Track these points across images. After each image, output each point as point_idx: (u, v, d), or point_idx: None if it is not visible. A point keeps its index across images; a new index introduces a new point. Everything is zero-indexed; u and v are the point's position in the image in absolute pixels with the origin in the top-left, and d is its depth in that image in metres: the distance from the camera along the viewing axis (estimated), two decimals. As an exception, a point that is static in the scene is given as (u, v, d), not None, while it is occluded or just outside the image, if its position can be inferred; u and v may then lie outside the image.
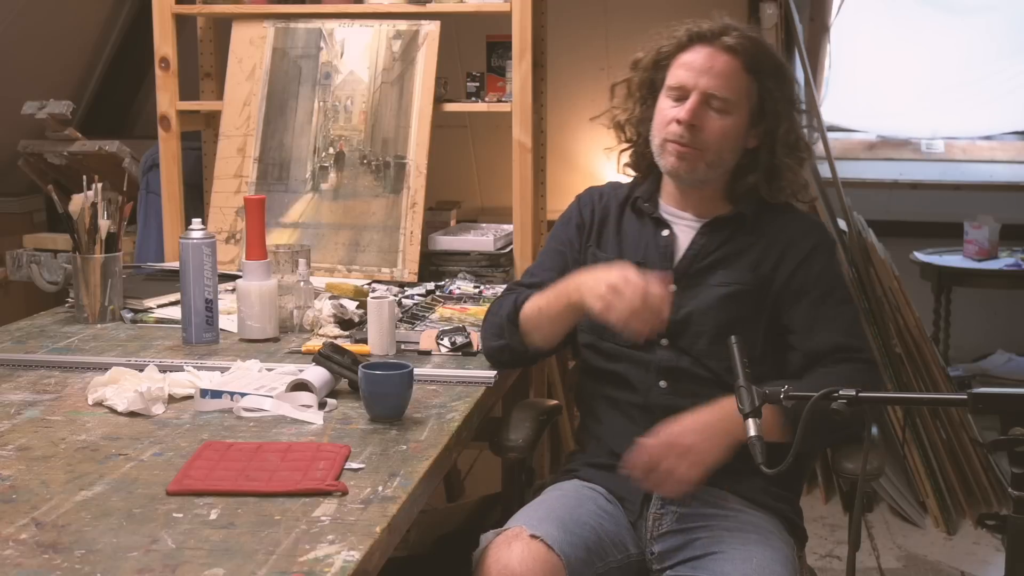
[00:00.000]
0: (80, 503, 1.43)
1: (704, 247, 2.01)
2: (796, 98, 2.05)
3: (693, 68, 1.97)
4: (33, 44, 3.93)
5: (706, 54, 1.97)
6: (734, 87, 1.96)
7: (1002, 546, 3.36)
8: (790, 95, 2.03)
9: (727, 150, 1.99)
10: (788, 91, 2.03)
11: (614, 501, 1.95)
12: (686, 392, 1.95)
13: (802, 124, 2.06)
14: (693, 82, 1.96)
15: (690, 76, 1.96)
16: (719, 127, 1.96)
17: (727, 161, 2.01)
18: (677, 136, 1.96)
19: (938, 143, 4.94)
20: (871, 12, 4.84)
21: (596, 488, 1.96)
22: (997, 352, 4.73)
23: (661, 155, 2.01)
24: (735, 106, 1.97)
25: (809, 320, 1.96)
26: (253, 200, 2.33)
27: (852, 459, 1.89)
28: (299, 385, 1.84)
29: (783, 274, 1.98)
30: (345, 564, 1.26)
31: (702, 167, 1.98)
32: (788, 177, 2.03)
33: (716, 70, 1.96)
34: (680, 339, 1.97)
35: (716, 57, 1.96)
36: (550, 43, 3.19)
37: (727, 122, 1.96)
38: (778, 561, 1.81)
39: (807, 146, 2.07)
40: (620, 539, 1.89)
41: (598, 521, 1.87)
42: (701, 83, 1.95)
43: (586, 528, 1.84)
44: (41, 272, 3.73)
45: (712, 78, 1.95)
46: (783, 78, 2.02)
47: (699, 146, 1.97)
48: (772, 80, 2.00)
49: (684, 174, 1.99)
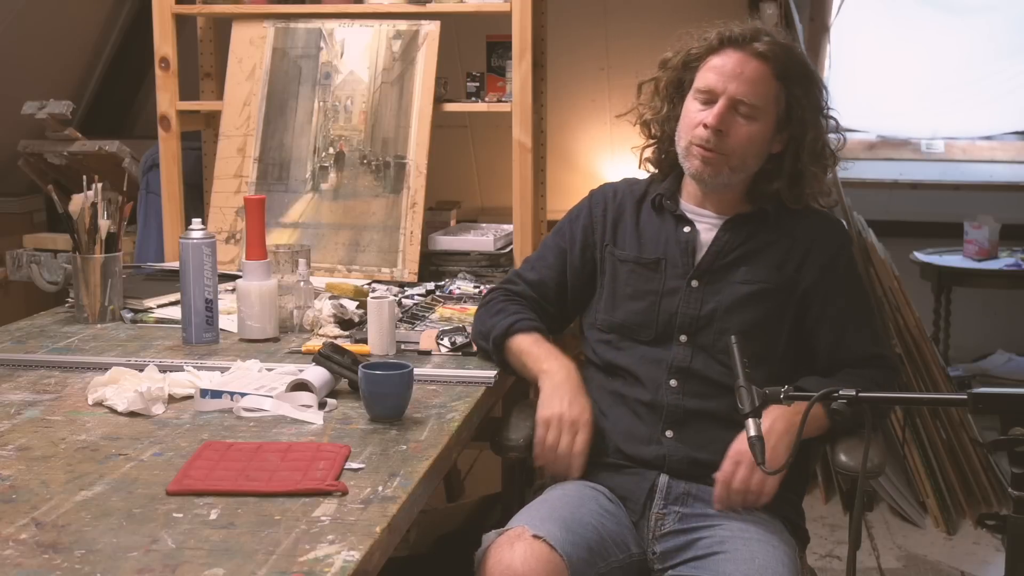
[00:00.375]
0: (80, 503, 1.43)
1: (728, 243, 2.02)
2: (824, 105, 2.04)
3: (723, 72, 1.96)
4: (33, 44, 3.93)
5: (736, 59, 1.97)
6: (762, 93, 1.96)
7: (1002, 546, 3.37)
8: (817, 102, 2.02)
9: (752, 155, 1.99)
10: (816, 98, 2.02)
11: (616, 500, 1.95)
12: (694, 392, 1.96)
13: (829, 131, 2.05)
14: (722, 86, 1.96)
15: (719, 80, 1.96)
16: (745, 133, 1.96)
17: (751, 166, 2.01)
18: (703, 140, 1.97)
19: (938, 143, 4.94)
20: (871, 12, 4.84)
21: (598, 487, 1.96)
22: (997, 352, 4.73)
23: (686, 157, 2.02)
24: (762, 112, 1.97)
25: (838, 329, 1.99)
26: (253, 200, 2.33)
27: (849, 453, 1.89)
28: (299, 385, 1.84)
29: (808, 276, 1.99)
30: (345, 564, 1.26)
31: (726, 171, 1.99)
32: (811, 184, 2.03)
33: (745, 76, 1.95)
34: (701, 336, 1.97)
35: (746, 63, 1.96)
36: (550, 43, 3.19)
37: (753, 128, 1.97)
38: (780, 562, 1.81)
39: (832, 153, 2.06)
40: (622, 539, 1.89)
41: (600, 521, 1.87)
42: (730, 88, 1.95)
43: (588, 528, 1.84)
44: (41, 272, 3.73)
45: (741, 83, 1.95)
46: (811, 85, 2.02)
47: (724, 151, 1.97)
48: (800, 87, 1.99)
49: (708, 178, 2.00)
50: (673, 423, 1.95)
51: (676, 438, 1.95)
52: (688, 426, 1.95)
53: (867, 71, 4.89)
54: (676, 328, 1.99)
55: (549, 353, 2.01)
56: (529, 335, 2.05)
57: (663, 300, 2.01)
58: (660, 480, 1.94)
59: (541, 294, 2.14)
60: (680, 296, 2.00)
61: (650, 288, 2.02)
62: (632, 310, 2.03)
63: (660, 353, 1.99)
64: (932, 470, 3.60)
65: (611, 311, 2.06)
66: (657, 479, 1.94)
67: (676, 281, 2.01)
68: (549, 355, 2.00)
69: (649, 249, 2.06)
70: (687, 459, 1.93)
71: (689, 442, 1.94)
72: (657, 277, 2.03)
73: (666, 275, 2.02)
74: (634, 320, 2.02)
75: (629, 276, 2.05)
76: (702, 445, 1.93)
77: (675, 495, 1.93)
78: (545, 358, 1.99)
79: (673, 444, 1.95)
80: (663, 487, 1.94)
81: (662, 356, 1.98)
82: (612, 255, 2.08)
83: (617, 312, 2.05)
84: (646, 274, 2.04)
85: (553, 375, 1.96)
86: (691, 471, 1.93)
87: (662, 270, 2.03)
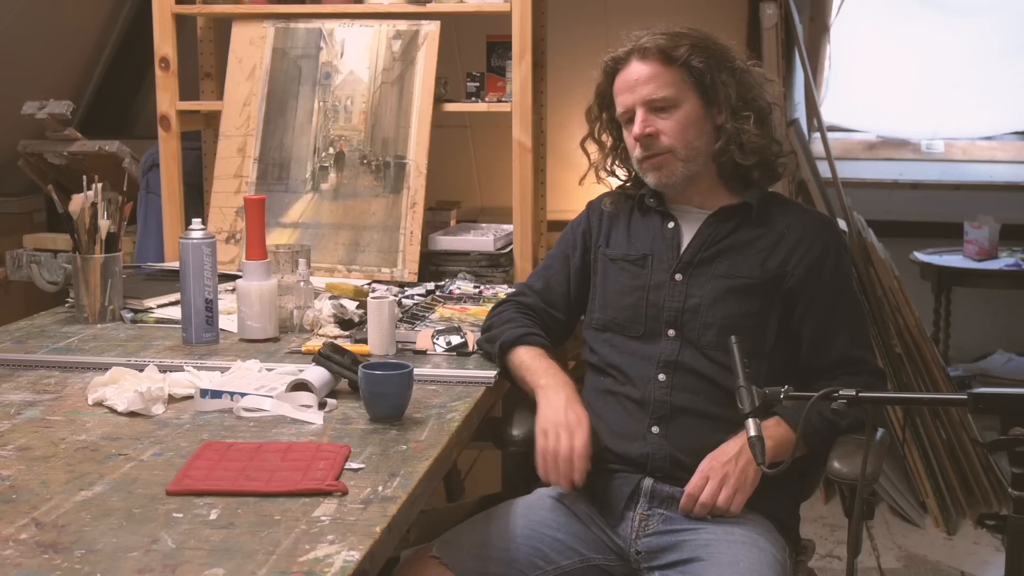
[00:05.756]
0: (80, 503, 1.43)
1: (710, 237, 2.04)
2: (731, 62, 2.06)
3: (626, 88, 2.05)
4: (33, 44, 3.93)
5: (628, 70, 2.05)
6: (665, 83, 2.02)
7: (1002, 546, 3.37)
8: (720, 63, 2.04)
9: (694, 138, 2.03)
10: (717, 59, 2.04)
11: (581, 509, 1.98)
12: (683, 387, 1.97)
13: (753, 83, 2.07)
14: (631, 99, 2.04)
15: (628, 96, 2.05)
16: (672, 124, 2.02)
17: (702, 149, 2.04)
18: (642, 153, 2.04)
19: (938, 143, 4.94)
20: (871, 12, 4.83)
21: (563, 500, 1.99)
22: (997, 352, 4.73)
23: (644, 175, 2.09)
24: (677, 98, 2.02)
25: (820, 330, 2.00)
26: (253, 200, 2.33)
27: (843, 460, 1.87)
28: (299, 385, 1.84)
29: (793, 272, 2.00)
30: (345, 564, 1.26)
31: (679, 166, 2.03)
32: (746, 140, 2.03)
33: (643, 78, 2.03)
34: (688, 330, 1.99)
35: (638, 68, 2.04)
36: (550, 43, 3.20)
37: (678, 115, 2.02)
38: (766, 564, 1.81)
39: (763, 103, 2.07)
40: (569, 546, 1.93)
41: (538, 531, 1.93)
42: (638, 96, 2.03)
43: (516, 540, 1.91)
44: (41, 272, 3.73)
45: (642, 86, 2.03)
46: (707, 51, 2.04)
47: (664, 149, 2.03)
48: (696, 58, 2.02)
49: (668, 181, 2.05)
50: (659, 419, 1.96)
51: (661, 434, 1.96)
52: (675, 423, 1.96)
53: (867, 71, 4.89)
54: (663, 323, 2.01)
55: (548, 368, 2.03)
56: (532, 349, 2.08)
57: (650, 294, 2.04)
58: (645, 483, 1.96)
59: (549, 302, 2.18)
60: (665, 290, 2.02)
61: (637, 284, 2.06)
62: (621, 306, 2.06)
63: (649, 348, 2.01)
64: (932, 470, 3.60)
65: (603, 309, 2.10)
66: (641, 482, 1.96)
67: (661, 275, 2.04)
68: (548, 370, 2.02)
69: (637, 246, 2.10)
70: (670, 458, 1.94)
71: (674, 440, 1.95)
72: (644, 273, 2.06)
73: (652, 270, 2.05)
74: (624, 316, 2.05)
75: (618, 273, 2.09)
76: (687, 446, 1.94)
77: (660, 498, 1.95)
78: (544, 373, 2.01)
79: (658, 441, 1.96)
80: (647, 490, 1.95)
81: (651, 351, 2.01)
82: (604, 255, 2.13)
83: (608, 309, 2.09)
84: (634, 270, 2.07)
85: (549, 389, 1.99)
86: (673, 472, 1.94)
87: (649, 266, 2.06)
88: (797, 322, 2.01)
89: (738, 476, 1.88)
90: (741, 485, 1.88)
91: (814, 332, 2.00)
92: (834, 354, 1.99)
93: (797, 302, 2.00)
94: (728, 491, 1.87)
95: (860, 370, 1.99)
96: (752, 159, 2.05)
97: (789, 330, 2.01)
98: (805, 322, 2.00)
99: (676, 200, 2.10)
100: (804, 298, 2.00)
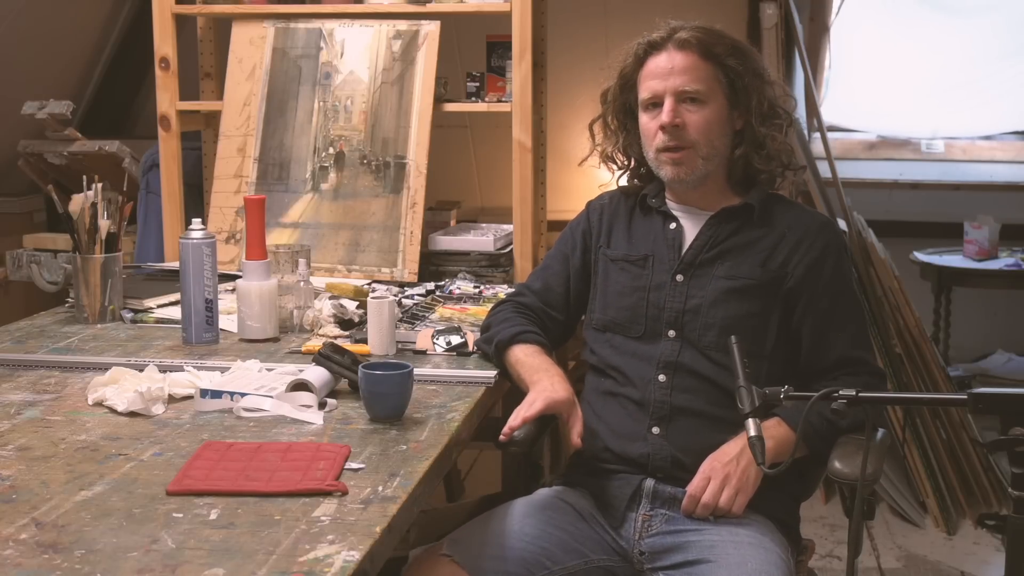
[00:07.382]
0: (80, 503, 1.43)
1: (712, 238, 2.04)
2: (762, 70, 2.09)
3: (658, 74, 2.03)
4: (33, 44, 3.93)
5: (665, 57, 2.04)
6: (701, 77, 2.02)
7: (1002, 546, 3.37)
8: (754, 68, 2.07)
9: (716, 137, 2.03)
10: (751, 65, 2.06)
11: (585, 510, 1.97)
12: (683, 387, 1.97)
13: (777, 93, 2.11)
14: (663, 86, 2.02)
15: (659, 82, 2.03)
16: (701, 119, 2.01)
17: (720, 149, 2.05)
18: (666, 142, 2.02)
19: (938, 143, 4.93)
20: (871, 12, 4.83)
21: (566, 499, 1.98)
22: (997, 352, 4.73)
23: (659, 168, 2.07)
24: (708, 95, 2.02)
25: (820, 330, 2.00)
26: (253, 200, 2.33)
27: (843, 460, 1.87)
28: (299, 385, 1.84)
29: (794, 273, 2.00)
30: (345, 564, 1.26)
31: (699, 163, 2.03)
32: (771, 145, 2.07)
33: (679, 68, 2.02)
34: (688, 331, 1.99)
35: (674, 56, 2.03)
36: (550, 43, 3.19)
37: (707, 111, 2.02)
38: (774, 564, 1.81)
39: (786, 113, 2.12)
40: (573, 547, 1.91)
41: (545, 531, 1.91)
42: (670, 84, 2.01)
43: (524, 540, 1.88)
44: (41, 272, 3.73)
45: (678, 76, 2.01)
46: (743, 55, 2.06)
47: (688, 143, 2.02)
48: (733, 59, 2.04)
49: (685, 177, 2.04)
50: (660, 419, 1.96)
51: (662, 435, 1.96)
52: (675, 423, 1.96)
53: (867, 71, 4.89)
54: (664, 323, 2.01)
55: (543, 365, 2.02)
56: (528, 346, 2.07)
57: (650, 295, 2.04)
58: (646, 484, 1.96)
59: (548, 302, 2.17)
60: (666, 291, 2.03)
61: (638, 284, 2.06)
62: (622, 306, 2.06)
63: (650, 349, 2.01)
64: (932, 470, 3.60)
65: (604, 309, 2.10)
66: (642, 483, 1.96)
67: (662, 276, 2.04)
68: (542, 368, 2.01)
69: (638, 247, 2.10)
70: (670, 459, 1.94)
71: (674, 440, 1.95)
72: (645, 273, 2.06)
73: (653, 271, 2.06)
74: (624, 316, 2.05)
75: (619, 274, 2.09)
76: (687, 447, 1.94)
77: (662, 498, 1.95)
78: (537, 370, 2.01)
79: (659, 441, 1.96)
80: (649, 491, 1.95)
81: (652, 352, 2.01)
82: (604, 255, 2.13)
83: (608, 310, 2.08)
84: (635, 271, 2.07)
85: (539, 383, 1.98)
86: (674, 472, 1.94)
87: (650, 266, 2.06)
88: (797, 322, 2.01)
89: (740, 477, 1.88)
90: (743, 486, 1.88)
91: (814, 332, 2.00)
92: (834, 354, 1.99)
93: (797, 302, 2.00)
94: (730, 492, 1.88)
95: (860, 370, 1.99)
96: (771, 165, 2.07)
97: (789, 330, 2.01)
98: (805, 322, 2.00)
99: (680, 200, 2.10)
100: (804, 298, 2.00)
